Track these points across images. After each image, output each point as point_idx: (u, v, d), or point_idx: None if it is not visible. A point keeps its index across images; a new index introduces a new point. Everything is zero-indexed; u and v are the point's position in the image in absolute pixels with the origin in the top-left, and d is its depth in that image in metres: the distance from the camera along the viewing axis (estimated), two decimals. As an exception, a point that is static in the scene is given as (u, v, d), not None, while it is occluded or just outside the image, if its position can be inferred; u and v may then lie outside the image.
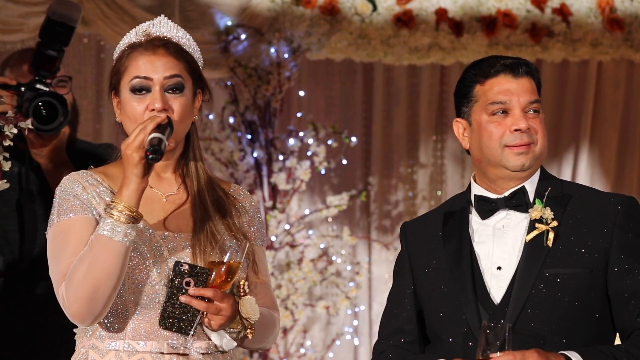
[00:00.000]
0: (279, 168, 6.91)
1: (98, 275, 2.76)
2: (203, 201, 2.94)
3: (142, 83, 2.88)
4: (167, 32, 2.98)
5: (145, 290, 2.85)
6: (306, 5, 6.90)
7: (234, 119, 6.91)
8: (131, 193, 2.78)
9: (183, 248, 2.88)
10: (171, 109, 2.88)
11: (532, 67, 2.96)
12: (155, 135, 2.76)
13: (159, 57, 2.90)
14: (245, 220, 3.02)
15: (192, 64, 2.96)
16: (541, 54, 7.13)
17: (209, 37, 6.71)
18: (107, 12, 6.50)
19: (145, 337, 2.85)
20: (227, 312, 2.79)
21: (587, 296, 2.84)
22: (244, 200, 3.05)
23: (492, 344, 2.67)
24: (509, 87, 2.91)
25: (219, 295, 2.79)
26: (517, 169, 2.90)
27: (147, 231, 2.88)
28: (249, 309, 2.84)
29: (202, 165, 3.00)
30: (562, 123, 7.52)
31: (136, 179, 2.77)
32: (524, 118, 2.89)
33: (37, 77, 3.79)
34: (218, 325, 2.82)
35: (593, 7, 7.11)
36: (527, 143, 2.89)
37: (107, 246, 2.77)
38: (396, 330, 3.01)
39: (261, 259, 3.05)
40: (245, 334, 2.87)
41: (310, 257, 7.01)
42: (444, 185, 7.65)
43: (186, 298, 2.79)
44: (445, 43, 7.05)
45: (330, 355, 7.34)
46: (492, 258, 2.90)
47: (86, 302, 2.79)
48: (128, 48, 2.94)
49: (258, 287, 3.01)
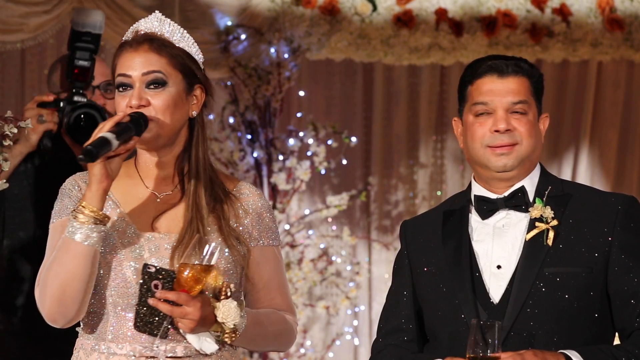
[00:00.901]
0: (279, 168, 6.91)
1: (64, 276, 2.77)
2: (198, 201, 2.91)
3: (123, 80, 2.89)
4: (155, 27, 2.97)
5: (122, 292, 2.84)
6: (306, 5, 6.90)
7: (234, 119, 6.91)
8: (92, 194, 2.77)
9: (165, 249, 2.85)
10: (150, 104, 2.86)
11: (524, 67, 2.93)
12: (102, 135, 2.73)
13: (140, 53, 2.89)
14: (248, 221, 2.98)
15: (178, 58, 2.93)
16: (541, 54, 7.13)
17: (209, 37, 6.71)
18: (107, 12, 6.50)
19: (123, 340, 2.84)
20: (194, 315, 2.73)
21: (587, 295, 2.83)
22: (247, 200, 3.00)
23: (483, 342, 2.66)
24: (492, 87, 2.91)
25: (184, 298, 2.73)
26: (499, 169, 2.89)
27: (130, 231, 2.87)
28: (225, 313, 2.78)
29: (205, 163, 2.96)
30: (562, 123, 7.52)
31: (95, 180, 2.77)
32: (505, 119, 2.88)
33: (74, 89, 3.82)
34: (188, 329, 2.77)
35: (593, 7, 7.11)
36: (508, 144, 2.88)
37: (70, 248, 2.77)
38: (395, 329, 3.00)
39: (268, 260, 2.99)
40: (223, 339, 2.82)
41: (310, 257, 7.00)
42: (444, 185, 7.65)
43: (153, 301, 2.76)
44: (445, 43, 7.05)
45: (330, 355, 7.34)
46: (491, 257, 2.90)
47: (56, 303, 2.80)
48: (120, 47, 2.96)
49: (261, 290, 2.99)
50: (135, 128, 2.80)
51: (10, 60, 7.15)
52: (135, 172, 2.98)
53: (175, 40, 2.96)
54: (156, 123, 2.86)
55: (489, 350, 2.65)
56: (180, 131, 2.94)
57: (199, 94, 2.96)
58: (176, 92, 2.90)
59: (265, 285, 2.99)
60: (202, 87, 2.97)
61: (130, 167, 2.99)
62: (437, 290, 2.93)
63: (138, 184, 2.96)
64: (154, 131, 2.86)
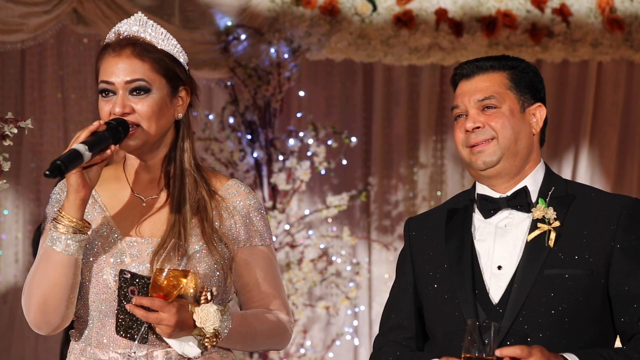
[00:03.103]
0: (279, 168, 6.91)
1: (45, 285, 2.77)
2: (182, 204, 2.89)
3: (106, 87, 2.87)
4: (138, 29, 2.93)
5: (104, 297, 2.83)
6: (306, 5, 6.90)
7: (234, 119, 6.90)
8: (70, 204, 2.76)
9: (147, 254, 2.84)
10: (135, 111, 2.84)
11: (495, 64, 2.96)
12: (74, 147, 2.71)
13: (123, 59, 2.86)
14: (232, 222, 2.94)
15: (161, 62, 2.89)
16: (541, 54, 7.13)
17: (209, 37, 6.71)
18: (107, 12, 6.50)
19: (106, 346, 2.84)
20: (170, 321, 2.71)
21: (587, 298, 2.82)
22: (234, 200, 2.97)
23: (479, 342, 2.66)
24: (462, 90, 2.97)
25: (158, 304, 2.71)
26: (480, 167, 2.92)
27: (113, 237, 2.86)
28: (204, 317, 2.76)
29: (190, 164, 2.94)
30: (562, 123, 7.52)
31: (72, 190, 2.75)
32: (474, 117, 2.92)
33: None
34: (166, 334, 2.76)
35: (593, 7, 7.11)
36: (482, 140, 2.91)
37: (50, 257, 2.77)
38: (396, 326, 3.01)
39: (257, 259, 2.97)
40: (204, 343, 2.80)
41: (310, 257, 7.00)
42: (444, 186, 7.65)
43: (129, 307, 2.74)
44: (445, 43, 7.05)
45: (330, 355, 7.34)
46: (492, 257, 2.90)
47: (39, 311, 2.80)
48: (102, 49, 2.93)
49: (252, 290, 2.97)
50: (112, 136, 2.77)
51: (10, 60, 7.15)
52: (123, 175, 2.97)
53: (157, 43, 2.92)
54: (142, 130, 2.85)
55: (485, 352, 2.65)
56: (166, 134, 2.93)
57: (184, 95, 2.94)
58: (160, 97, 2.88)
59: (256, 284, 2.97)
60: (186, 88, 2.95)
61: (118, 170, 2.98)
62: (437, 289, 2.93)
63: (125, 187, 2.95)
64: (140, 138, 2.85)
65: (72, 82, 7.23)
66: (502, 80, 2.95)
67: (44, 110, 7.21)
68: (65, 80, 7.23)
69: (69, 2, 6.49)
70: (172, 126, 2.94)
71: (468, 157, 2.93)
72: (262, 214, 3.00)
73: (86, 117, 7.22)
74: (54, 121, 7.22)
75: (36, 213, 7.22)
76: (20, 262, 7.22)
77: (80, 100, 7.25)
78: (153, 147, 2.91)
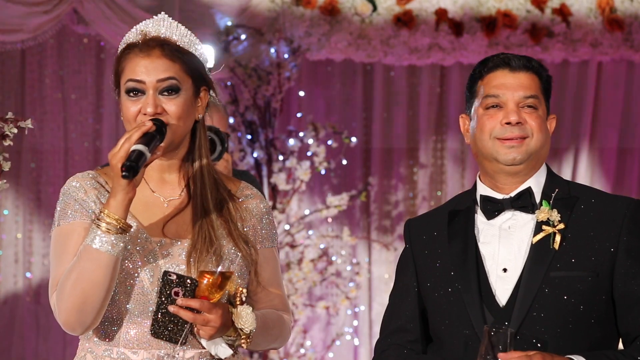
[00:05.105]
0: (279, 168, 6.91)
1: (85, 286, 2.74)
2: (205, 205, 2.90)
3: (136, 86, 2.84)
4: (165, 31, 2.92)
5: (138, 298, 2.82)
6: (306, 5, 6.90)
7: (234, 119, 6.91)
8: (118, 204, 2.73)
9: (179, 255, 2.84)
10: (165, 111, 2.84)
11: (535, 64, 2.95)
12: (136, 148, 2.71)
13: (153, 59, 2.85)
14: (252, 223, 2.97)
15: (190, 63, 2.89)
16: (541, 54, 7.13)
17: (209, 37, 6.71)
18: (107, 12, 6.50)
19: (137, 346, 2.82)
20: (216, 323, 2.74)
21: (593, 300, 2.82)
22: (250, 202, 2.99)
23: (495, 348, 2.65)
24: (504, 81, 2.92)
25: (207, 306, 2.73)
26: (508, 162, 2.89)
27: (142, 238, 2.85)
28: (244, 319, 2.79)
29: (208, 166, 2.94)
30: (562, 123, 7.52)
31: (122, 190, 2.73)
32: (516, 112, 2.89)
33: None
34: (208, 336, 2.77)
35: (593, 7, 7.11)
36: (519, 136, 2.88)
37: (94, 257, 2.73)
38: (398, 329, 2.99)
39: (268, 261, 2.99)
40: (240, 344, 2.83)
41: (310, 257, 7.01)
42: (444, 186, 7.65)
43: (174, 308, 2.74)
44: (445, 43, 7.05)
45: (330, 355, 7.35)
46: (497, 259, 2.89)
47: (75, 312, 2.77)
48: (126, 48, 2.90)
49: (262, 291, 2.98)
50: (160, 136, 2.78)
51: (10, 60, 7.15)
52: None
53: (184, 44, 2.92)
54: (170, 129, 2.84)
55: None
56: (187, 135, 2.93)
57: (203, 95, 2.94)
58: (187, 98, 2.88)
59: (265, 285, 2.99)
60: (205, 89, 2.95)
61: None
62: (442, 292, 2.91)
63: (145, 189, 2.93)
64: (168, 138, 2.84)
65: (72, 82, 7.23)
66: (539, 84, 2.95)
67: (44, 110, 7.21)
68: (65, 80, 7.22)
69: (69, 2, 6.49)
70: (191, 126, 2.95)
71: (495, 148, 2.89)
72: (272, 217, 3.04)
73: (86, 117, 7.23)
74: (54, 121, 7.22)
75: (36, 213, 7.22)
76: (20, 262, 7.22)
77: (80, 100, 7.25)
78: (174, 148, 2.90)
